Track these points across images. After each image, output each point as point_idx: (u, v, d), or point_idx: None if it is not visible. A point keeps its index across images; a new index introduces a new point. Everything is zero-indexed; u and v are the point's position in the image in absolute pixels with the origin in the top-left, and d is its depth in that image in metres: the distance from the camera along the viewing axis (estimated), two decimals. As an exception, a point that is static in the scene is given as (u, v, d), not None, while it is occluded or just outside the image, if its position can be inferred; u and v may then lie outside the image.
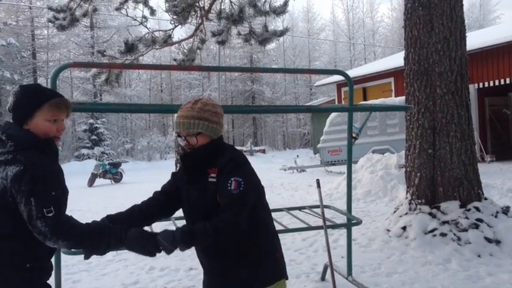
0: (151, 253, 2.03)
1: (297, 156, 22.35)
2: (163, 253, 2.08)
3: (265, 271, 2.23)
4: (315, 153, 22.54)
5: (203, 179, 2.18)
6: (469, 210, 5.67)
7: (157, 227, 3.76)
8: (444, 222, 5.65)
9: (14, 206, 1.86)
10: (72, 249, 1.99)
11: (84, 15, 8.87)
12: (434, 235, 5.58)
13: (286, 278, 2.35)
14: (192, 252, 5.62)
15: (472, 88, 14.38)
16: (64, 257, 3.26)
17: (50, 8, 8.86)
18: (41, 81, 31.26)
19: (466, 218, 5.59)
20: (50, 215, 1.82)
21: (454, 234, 5.50)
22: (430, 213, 5.82)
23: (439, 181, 5.88)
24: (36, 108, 1.97)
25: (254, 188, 2.20)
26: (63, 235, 1.84)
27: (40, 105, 1.97)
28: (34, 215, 1.80)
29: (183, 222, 2.30)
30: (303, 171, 16.73)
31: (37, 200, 1.81)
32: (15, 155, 1.87)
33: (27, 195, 1.81)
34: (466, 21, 6.21)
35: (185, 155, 2.26)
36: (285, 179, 14.50)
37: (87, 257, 2.04)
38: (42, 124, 1.98)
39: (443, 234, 5.55)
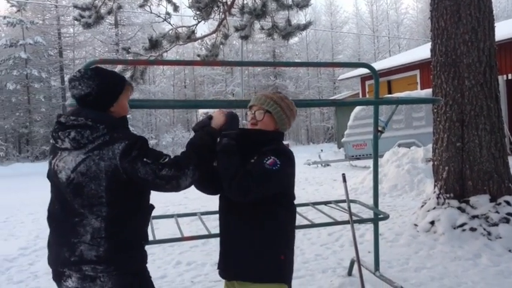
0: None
1: (321, 150, 22.21)
2: (189, 247, 2.13)
3: (263, 266, 2.21)
4: (339, 148, 22.37)
5: (247, 159, 2.22)
6: (499, 204, 5.55)
7: (184, 222, 3.78)
8: (474, 217, 5.55)
9: (128, 183, 1.97)
10: (203, 171, 2.08)
11: (109, 12, 8.95)
12: (464, 230, 5.49)
13: (289, 286, 2.31)
14: (218, 247, 5.62)
15: (501, 79, 14.03)
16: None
17: (76, 6, 8.97)
18: (68, 78, 31.81)
19: (497, 212, 5.47)
20: (167, 160, 1.96)
21: (484, 229, 5.40)
22: (459, 208, 5.72)
23: (468, 175, 5.77)
24: (123, 89, 2.11)
25: (283, 179, 2.21)
26: (186, 163, 1.98)
27: (124, 86, 2.12)
28: (156, 169, 1.92)
29: (208, 217, 2.30)
30: (327, 165, 16.62)
31: (151, 157, 1.95)
32: (112, 135, 1.98)
33: (141, 158, 1.93)
34: (493, 11, 6.06)
35: (246, 130, 2.34)
36: (309, 173, 14.45)
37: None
38: (125, 104, 2.14)
39: (473, 229, 5.45)
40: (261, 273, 2.20)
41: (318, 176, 13.68)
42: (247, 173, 2.08)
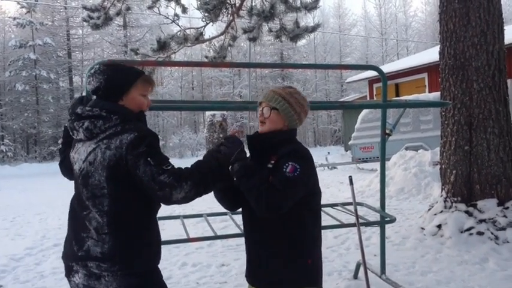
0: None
1: (328, 153, 22.17)
2: (195, 249, 2.10)
3: (292, 273, 2.17)
4: (346, 150, 22.34)
5: (264, 164, 2.18)
6: (507, 208, 5.52)
7: (190, 224, 3.78)
8: (481, 221, 5.51)
9: (127, 176, 1.92)
10: (199, 192, 1.99)
11: (118, 14, 9.00)
12: (471, 234, 5.46)
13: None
14: (224, 249, 5.66)
15: (510, 83, 13.89)
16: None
17: (85, 8, 9.04)
18: (76, 79, 32.00)
19: (504, 216, 5.44)
20: (169, 167, 1.93)
21: (492, 233, 5.36)
22: (467, 212, 5.68)
23: (476, 178, 5.73)
24: (132, 83, 2.07)
25: (308, 181, 2.15)
26: (186, 177, 1.92)
27: (135, 80, 2.08)
28: (155, 172, 1.88)
29: (214, 218, 2.31)
30: (334, 168, 16.59)
31: (155, 159, 1.91)
32: (123, 126, 1.96)
33: (145, 156, 1.90)
34: (503, 15, 6.02)
35: (255, 137, 2.29)
36: (316, 176, 14.39)
37: (216, 188, 2.18)
38: (138, 98, 2.10)
39: (480, 233, 5.42)
40: (290, 281, 2.18)
41: (324, 178, 13.64)
42: (272, 188, 2.02)
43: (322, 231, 6.08)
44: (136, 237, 1.98)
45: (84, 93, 2.95)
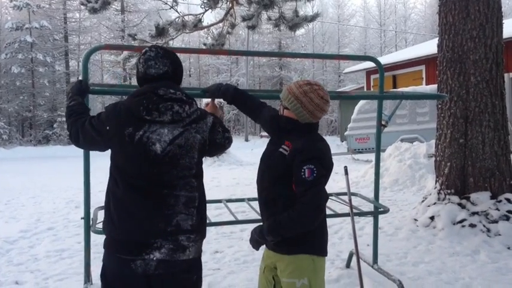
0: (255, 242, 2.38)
1: (324, 143, 22.16)
2: None
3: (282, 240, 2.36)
4: (342, 141, 22.36)
5: (279, 145, 2.35)
6: (500, 201, 5.56)
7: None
8: (474, 213, 5.55)
9: (204, 154, 2.22)
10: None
11: (116, -2, 8.94)
12: (463, 226, 5.50)
13: (323, 255, 2.58)
14: (218, 236, 5.68)
15: (507, 77, 13.93)
16: (93, 237, 3.32)
17: (83, -9, 8.96)
18: (73, 63, 31.79)
19: (497, 209, 5.48)
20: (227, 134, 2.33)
21: (484, 226, 5.40)
22: (460, 204, 5.72)
23: (470, 171, 5.76)
24: None
25: (325, 179, 2.31)
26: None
27: None
28: (224, 133, 2.27)
29: (209, 205, 2.36)
30: (330, 158, 16.61)
31: (222, 130, 2.28)
32: (200, 110, 2.19)
33: (219, 128, 2.23)
34: (502, 8, 6.01)
35: (277, 117, 2.48)
36: (311, 165, 14.42)
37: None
38: None
39: (472, 225, 5.46)
40: (281, 246, 2.39)
41: (319, 168, 13.64)
42: (302, 198, 2.18)
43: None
44: (205, 208, 2.22)
45: (80, 77, 2.94)
